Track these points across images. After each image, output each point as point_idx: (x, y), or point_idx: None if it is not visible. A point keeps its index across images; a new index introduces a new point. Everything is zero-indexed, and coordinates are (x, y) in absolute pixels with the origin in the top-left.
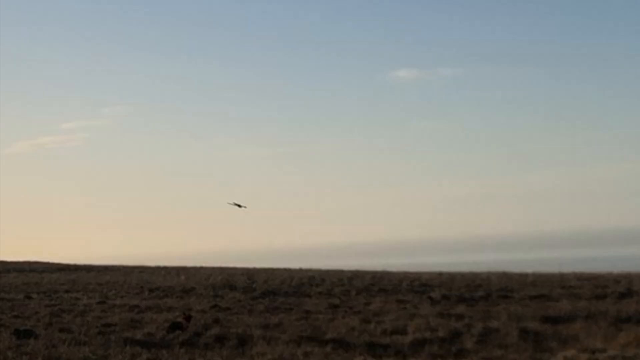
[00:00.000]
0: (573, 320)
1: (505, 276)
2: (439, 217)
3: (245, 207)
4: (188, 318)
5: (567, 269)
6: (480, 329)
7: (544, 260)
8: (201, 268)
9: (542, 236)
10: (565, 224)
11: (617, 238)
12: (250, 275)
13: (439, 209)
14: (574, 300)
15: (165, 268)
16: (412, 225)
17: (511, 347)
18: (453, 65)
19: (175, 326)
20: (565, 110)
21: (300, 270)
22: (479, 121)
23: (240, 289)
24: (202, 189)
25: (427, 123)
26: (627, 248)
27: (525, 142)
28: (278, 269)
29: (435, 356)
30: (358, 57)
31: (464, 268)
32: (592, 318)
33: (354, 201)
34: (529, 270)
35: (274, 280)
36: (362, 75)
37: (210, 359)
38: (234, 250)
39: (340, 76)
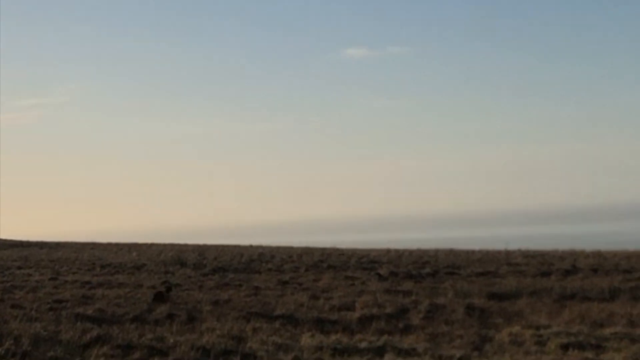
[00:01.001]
0: (518, 297)
1: (452, 253)
2: (389, 194)
3: None
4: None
5: (513, 246)
6: (427, 305)
7: (491, 238)
8: (152, 245)
9: (489, 214)
10: (512, 201)
11: (562, 215)
12: (201, 251)
13: (388, 185)
14: (520, 277)
15: (116, 245)
16: (362, 203)
17: (457, 323)
18: (402, 44)
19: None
20: (512, 89)
21: (251, 247)
22: (427, 99)
23: (190, 266)
24: (154, 166)
25: (375, 101)
26: (572, 226)
27: (475, 120)
28: (228, 246)
29: (382, 332)
30: (309, 36)
31: (412, 245)
32: (537, 295)
33: (305, 178)
34: (475, 247)
35: (224, 256)
36: (313, 53)
37: (159, 335)
38: (186, 227)
39: (291, 54)
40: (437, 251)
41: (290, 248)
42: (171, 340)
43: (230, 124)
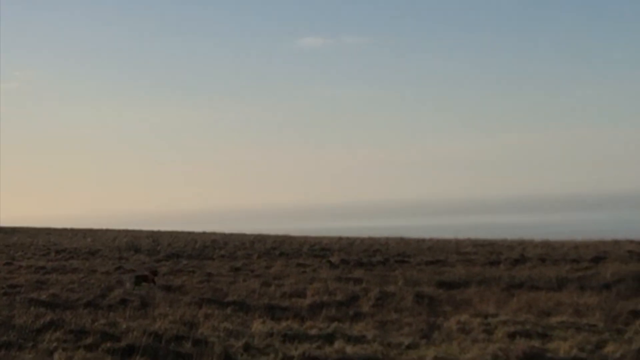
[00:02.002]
0: (467, 286)
1: (402, 242)
2: (341, 182)
3: None
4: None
5: (463, 235)
6: (377, 293)
7: (441, 227)
8: (107, 230)
9: (440, 203)
10: (463, 191)
11: (512, 205)
12: (155, 238)
13: (342, 174)
14: (469, 266)
15: (71, 230)
16: (316, 190)
17: (406, 310)
18: (357, 34)
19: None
20: (466, 80)
21: (204, 234)
22: (382, 89)
23: (144, 251)
24: (109, 153)
25: (331, 90)
26: (521, 216)
27: (428, 110)
28: (182, 232)
29: (332, 319)
30: (265, 25)
31: (363, 233)
32: (486, 284)
33: (260, 166)
34: (426, 236)
35: (178, 243)
36: (269, 42)
37: (112, 320)
38: (141, 214)
39: (247, 43)
40: (388, 239)
41: (244, 235)
42: (124, 326)
43: (183, 111)
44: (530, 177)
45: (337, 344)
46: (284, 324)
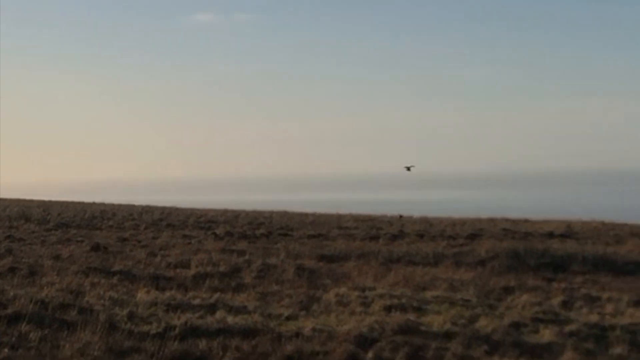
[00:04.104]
0: (347, 260)
1: (286, 215)
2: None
3: (412, 166)
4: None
5: (344, 210)
6: (259, 265)
7: (325, 202)
8: (0, 200)
9: (324, 178)
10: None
11: (393, 182)
12: (46, 207)
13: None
14: (349, 241)
15: None
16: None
17: (287, 283)
18: (249, 10)
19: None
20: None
21: (94, 204)
22: (272, 64)
23: (34, 221)
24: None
25: (224, 65)
26: (402, 192)
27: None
28: (72, 202)
29: (215, 290)
30: (155, 1)
31: (249, 207)
32: (365, 258)
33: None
34: (309, 210)
35: (68, 213)
36: (160, 19)
37: (0, 288)
38: (34, 184)
39: (138, 19)
40: (272, 213)
41: (132, 206)
42: (11, 294)
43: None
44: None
45: (219, 314)
46: (168, 293)
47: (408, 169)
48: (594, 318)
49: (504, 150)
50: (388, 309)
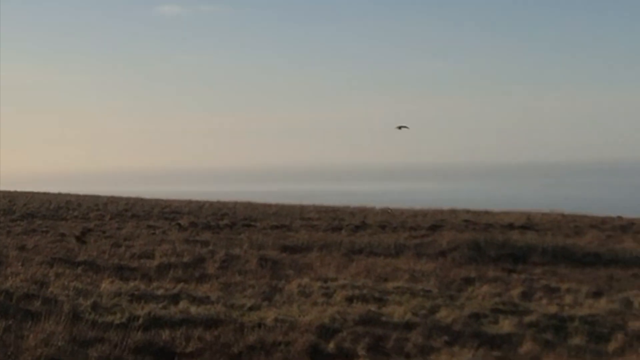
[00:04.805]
0: (310, 250)
1: (250, 206)
2: (196, 147)
3: (405, 127)
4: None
5: (307, 201)
6: (222, 255)
7: (288, 193)
8: None
9: (288, 169)
10: (311, 158)
11: (357, 173)
12: (12, 198)
13: (202, 139)
14: (312, 231)
15: None
16: (169, 155)
17: (250, 273)
18: (214, 2)
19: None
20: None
21: (59, 195)
22: (238, 56)
23: (0, 211)
24: None
25: (188, 57)
26: (365, 184)
27: (281, 79)
28: (38, 193)
29: (179, 280)
30: None
31: (213, 197)
32: (328, 249)
33: (118, 130)
34: (272, 201)
35: (33, 203)
36: (126, 9)
37: None
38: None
39: (105, 11)
40: (236, 204)
41: (97, 197)
42: None
43: (38, 74)
44: (375, 147)
45: (182, 305)
46: (132, 284)
47: (399, 128)
48: (553, 309)
49: (465, 143)
50: (350, 299)
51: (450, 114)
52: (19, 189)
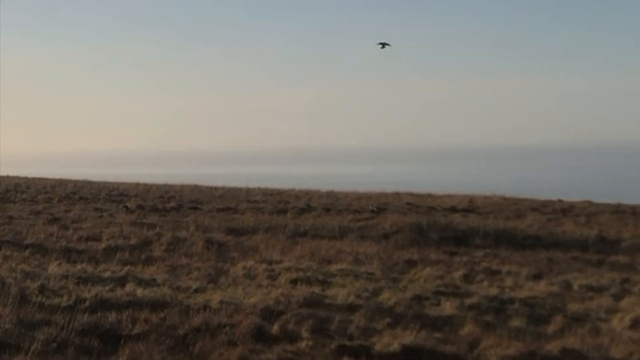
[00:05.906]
0: (255, 233)
1: (196, 189)
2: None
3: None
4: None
5: (253, 184)
6: (169, 238)
7: (234, 175)
8: None
9: (233, 152)
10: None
11: (302, 156)
12: None
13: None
14: (258, 214)
15: None
16: (121, 137)
17: (196, 256)
18: None
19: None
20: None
21: (7, 177)
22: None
23: None
24: None
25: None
26: (310, 166)
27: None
28: None
29: (125, 263)
30: None
31: (160, 180)
32: (273, 231)
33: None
34: (219, 184)
35: None
36: None
37: None
38: None
39: None
40: (182, 187)
41: (45, 179)
42: None
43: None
44: (320, 129)
45: (129, 287)
46: (79, 266)
47: (382, 46)
48: (493, 291)
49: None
50: (294, 282)
51: (408, 98)
52: None
